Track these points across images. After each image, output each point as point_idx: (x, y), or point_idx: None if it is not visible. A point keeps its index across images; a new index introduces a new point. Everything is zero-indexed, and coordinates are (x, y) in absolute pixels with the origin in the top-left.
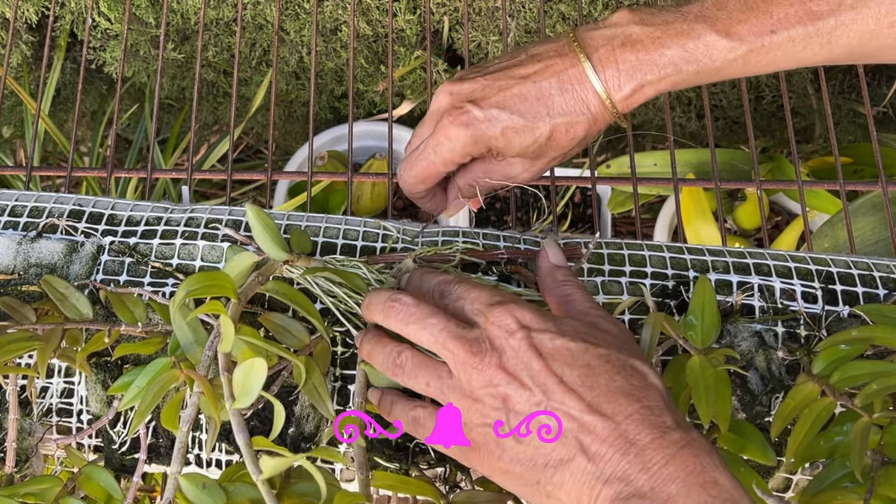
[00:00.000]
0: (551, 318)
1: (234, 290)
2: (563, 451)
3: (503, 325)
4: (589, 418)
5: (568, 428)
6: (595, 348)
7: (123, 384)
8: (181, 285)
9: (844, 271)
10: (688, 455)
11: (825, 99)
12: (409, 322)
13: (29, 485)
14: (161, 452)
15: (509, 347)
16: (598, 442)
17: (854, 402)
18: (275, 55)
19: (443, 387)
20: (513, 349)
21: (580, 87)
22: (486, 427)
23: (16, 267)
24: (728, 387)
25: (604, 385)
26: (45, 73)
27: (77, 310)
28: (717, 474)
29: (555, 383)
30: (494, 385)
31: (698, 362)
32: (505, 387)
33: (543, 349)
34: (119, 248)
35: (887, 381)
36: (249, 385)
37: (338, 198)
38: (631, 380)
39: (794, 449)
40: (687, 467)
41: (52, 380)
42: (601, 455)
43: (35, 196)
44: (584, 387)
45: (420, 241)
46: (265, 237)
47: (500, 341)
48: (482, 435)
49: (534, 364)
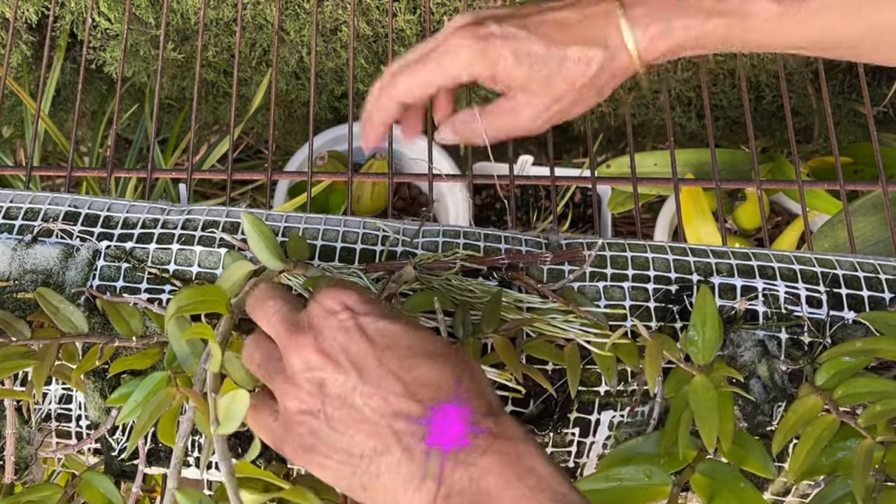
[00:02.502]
0: (376, 303)
1: (226, 305)
2: (378, 441)
3: (325, 305)
4: (404, 404)
5: (383, 415)
6: (417, 331)
7: (121, 396)
8: (172, 300)
9: (850, 273)
10: (503, 444)
11: (825, 99)
12: (254, 306)
13: (29, 493)
14: (160, 457)
15: (327, 327)
16: (410, 433)
17: (857, 421)
18: (275, 55)
19: (270, 369)
20: (331, 329)
21: (604, 20)
22: (302, 414)
23: (11, 273)
24: (731, 404)
25: (424, 370)
26: (45, 73)
27: (71, 323)
28: (533, 462)
29: (374, 366)
30: (311, 368)
31: (700, 383)
32: (321, 370)
33: (366, 330)
34: (115, 254)
35: (892, 402)
36: (233, 412)
37: (338, 198)
38: (453, 366)
39: (796, 469)
40: (502, 458)
41: (50, 387)
42: (416, 447)
43: (30, 196)
44: (402, 369)
45: (419, 241)
46: (261, 246)
47: (318, 321)
48: (297, 423)
49: (353, 345)
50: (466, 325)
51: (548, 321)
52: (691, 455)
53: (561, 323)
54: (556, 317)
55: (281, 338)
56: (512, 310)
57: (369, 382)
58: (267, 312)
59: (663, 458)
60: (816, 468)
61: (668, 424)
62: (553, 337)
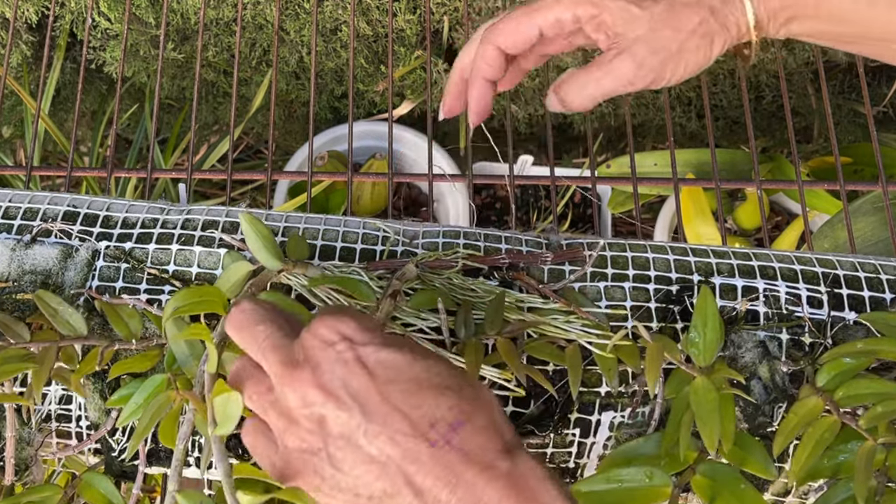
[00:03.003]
0: (377, 330)
1: (223, 306)
2: (386, 483)
3: (320, 335)
4: (413, 444)
5: (391, 455)
6: (423, 360)
7: (121, 398)
8: (170, 301)
9: (851, 274)
10: (520, 485)
11: (825, 99)
12: (240, 327)
13: (30, 493)
14: (161, 457)
15: (326, 360)
16: (423, 473)
17: (859, 423)
18: (275, 55)
19: (264, 402)
20: (329, 362)
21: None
22: (302, 453)
23: (10, 274)
24: (731, 405)
25: (431, 403)
26: (45, 73)
27: (70, 326)
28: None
29: (378, 402)
30: (309, 404)
31: (701, 385)
32: (320, 406)
33: (367, 362)
34: (114, 254)
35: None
36: (228, 413)
37: (338, 198)
38: (464, 398)
39: (797, 471)
40: (519, 500)
41: (50, 388)
42: (428, 490)
43: (29, 196)
44: (408, 405)
45: (420, 241)
46: (259, 245)
47: (315, 353)
48: (300, 461)
49: (353, 380)
50: (469, 325)
51: (549, 322)
52: (692, 456)
53: (562, 324)
54: (558, 317)
55: (274, 370)
56: (513, 310)
57: (374, 420)
58: (257, 339)
59: (664, 460)
60: (818, 471)
61: (669, 426)
62: (554, 338)
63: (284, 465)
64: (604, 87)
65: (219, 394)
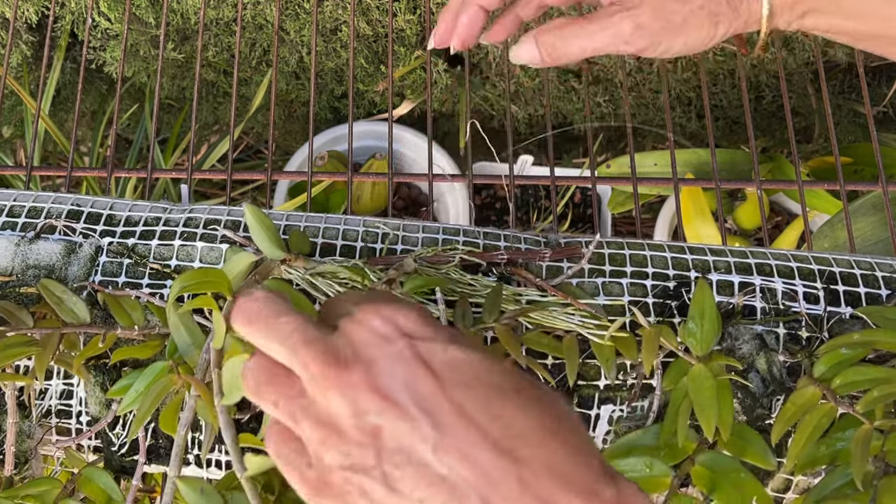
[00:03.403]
0: (440, 324)
1: (228, 287)
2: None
3: (373, 327)
4: (497, 466)
5: (466, 477)
6: (498, 364)
7: (122, 388)
8: (175, 281)
9: (847, 271)
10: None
11: (825, 99)
12: (253, 320)
13: (28, 487)
14: (160, 453)
15: (383, 358)
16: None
17: (855, 408)
18: (275, 55)
19: (294, 409)
20: (389, 360)
21: None
22: (346, 470)
23: (14, 268)
24: (729, 394)
25: (515, 417)
26: (45, 73)
27: (74, 314)
28: None
29: (450, 411)
30: (361, 413)
31: (699, 372)
32: (376, 415)
33: (433, 362)
34: (117, 250)
35: (889, 387)
36: (237, 382)
37: (338, 198)
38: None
39: (794, 456)
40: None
41: (50, 381)
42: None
43: (33, 196)
44: (486, 416)
45: (419, 238)
46: (263, 236)
47: (369, 350)
48: (342, 479)
49: (420, 384)
50: (467, 317)
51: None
52: (691, 447)
53: (560, 314)
54: (556, 309)
55: (312, 370)
56: (511, 302)
57: (445, 433)
58: (281, 333)
59: (663, 451)
60: (816, 458)
61: (668, 415)
62: (552, 328)
63: (321, 483)
64: (596, 42)
65: (230, 358)
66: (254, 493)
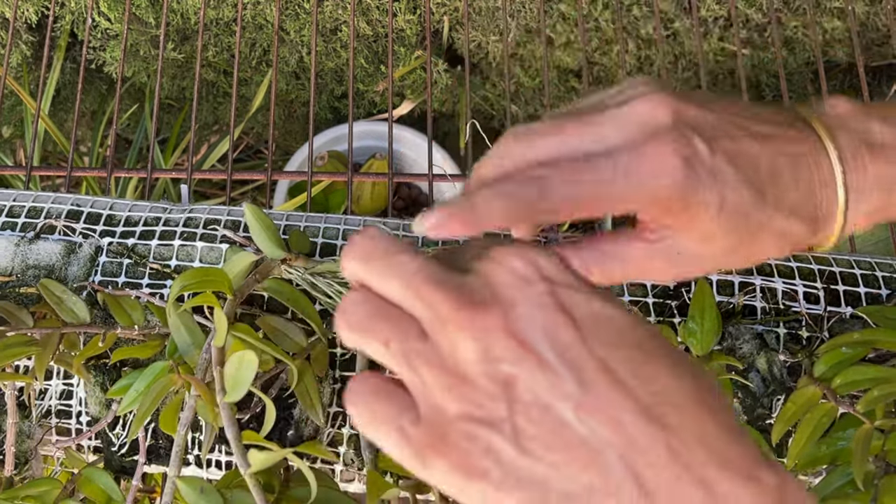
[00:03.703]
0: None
1: (229, 286)
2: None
3: (514, 268)
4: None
5: (611, 441)
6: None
7: (122, 388)
8: (176, 281)
9: (847, 271)
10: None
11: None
12: (369, 258)
13: (29, 487)
14: (160, 454)
15: (523, 301)
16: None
17: (856, 407)
18: (275, 55)
19: (408, 351)
20: (528, 304)
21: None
22: (470, 422)
23: (14, 268)
24: (729, 392)
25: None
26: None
27: (74, 314)
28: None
29: (594, 368)
30: (494, 359)
31: None
32: (511, 363)
33: (576, 312)
34: (117, 250)
35: (889, 387)
36: (240, 378)
37: (338, 198)
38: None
39: (795, 455)
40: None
41: (50, 382)
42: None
43: (33, 196)
44: (637, 379)
45: (419, 238)
46: (263, 236)
47: (507, 291)
48: (461, 434)
49: (562, 333)
50: None
51: None
52: None
53: None
54: None
55: (439, 310)
56: None
57: (589, 391)
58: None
59: None
60: (817, 458)
61: None
62: None
63: (432, 437)
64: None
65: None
66: (258, 489)
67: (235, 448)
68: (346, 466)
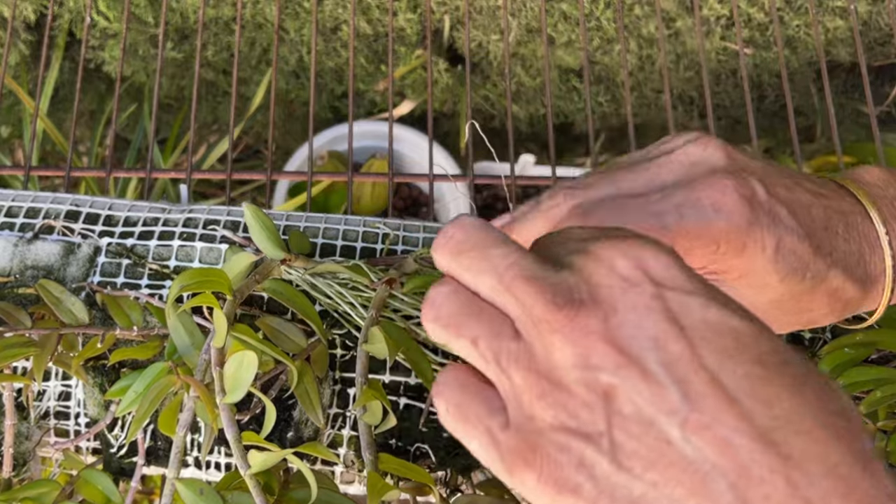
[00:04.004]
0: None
1: (228, 286)
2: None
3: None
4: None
5: (719, 465)
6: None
7: (120, 389)
8: (175, 281)
9: None
10: None
11: (828, 98)
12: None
13: (27, 489)
14: (159, 455)
15: (626, 306)
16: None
17: (858, 408)
18: (275, 54)
19: (500, 350)
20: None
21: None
22: (564, 433)
23: (12, 269)
24: None
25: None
26: (43, 73)
27: (73, 314)
28: None
29: (706, 382)
30: (592, 367)
31: None
32: (611, 373)
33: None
34: (116, 250)
35: (892, 388)
36: (240, 378)
37: (338, 198)
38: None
39: None
40: None
41: (49, 383)
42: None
43: (32, 196)
44: (753, 399)
45: (420, 238)
46: (262, 236)
47: (609, 293)
48: (556, 446)
49: (671, 343)
50: None
51: None
52: None
53: None
54: None
55: (533, 311)
56: None
57: (697, 408)
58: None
59: None
60: None
61: None
62: None
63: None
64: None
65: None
66: (258, 490)
67: (235, 449)
68: (346, 468)
